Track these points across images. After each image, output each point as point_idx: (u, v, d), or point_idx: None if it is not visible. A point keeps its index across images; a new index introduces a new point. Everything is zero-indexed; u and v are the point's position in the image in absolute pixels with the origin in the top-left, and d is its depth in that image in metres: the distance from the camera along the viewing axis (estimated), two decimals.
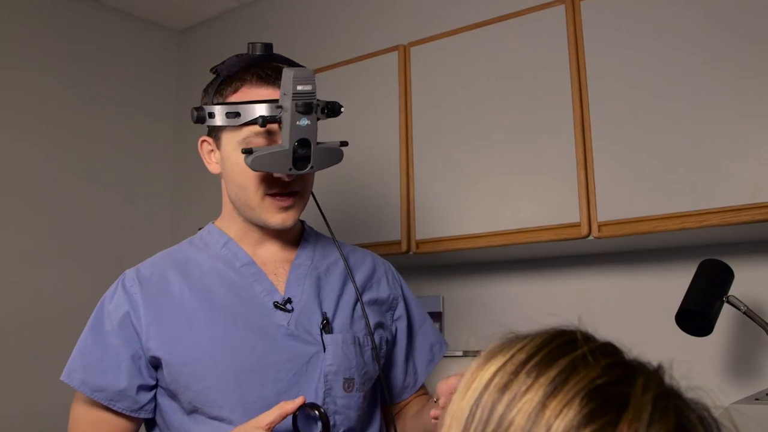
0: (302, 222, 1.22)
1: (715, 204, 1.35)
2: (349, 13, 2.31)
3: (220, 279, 1.10)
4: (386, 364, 1.21)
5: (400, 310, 1.23)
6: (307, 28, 2.40)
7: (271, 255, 1.14)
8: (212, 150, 1.13)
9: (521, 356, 0.47)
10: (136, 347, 1.05)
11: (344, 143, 1.10)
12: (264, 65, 1.08)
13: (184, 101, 2.76)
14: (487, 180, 1.65)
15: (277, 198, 1.07)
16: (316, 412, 1.00)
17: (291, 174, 1.02)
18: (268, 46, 1.11)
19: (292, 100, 0.98)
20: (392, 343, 1.22)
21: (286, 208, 1.08)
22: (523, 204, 1.60)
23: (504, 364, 0.47)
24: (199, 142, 1.15)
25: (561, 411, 0.42)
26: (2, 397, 2.11)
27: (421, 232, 1.75)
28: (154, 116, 2.69)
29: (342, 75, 1.96)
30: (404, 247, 1.76)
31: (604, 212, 1.48)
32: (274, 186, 1.06)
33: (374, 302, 1.19)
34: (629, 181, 1.46)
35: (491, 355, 0.49)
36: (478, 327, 1.94)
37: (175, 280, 1.09)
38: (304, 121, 0.99)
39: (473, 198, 1.67)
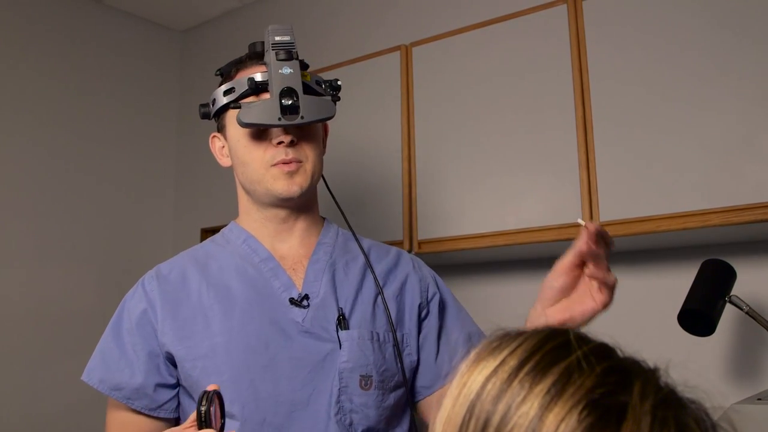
0: (323, 218, 1.21)
1: (718, 204, 1.35)
2: (351, 13, 2.31)
3: (239, 274, 1.10)
4: (421, 350, 1.16)
5: (432, 292, 1.19)
6: (310, 28, 2.41)
7: (289, 249, 1.13)
8: (223, 145, 1.15)
9: (513, 362, 0.45)
10: (153, 344, 1.06)
11: (336, 98, 1.11)
12: (260, 53, 1.11)
13: (187, 101, 2.76)
14: (490, 180, 1.65)
15: (281, 165, 1.08)
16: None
17: (282, 125, 1.03)
18: None
19: (272, 49, 1.03)
20: (427, 328, 1.17)
21: (290, 174, 1.07)
22: (525, 204, 1.60)
23: (496, 370, 0.45)
24: (210, 139, 1.17)
25: (558, 426, 0.41)
26: (6, 396, 2.12)
27: (424, 232, 1.75)
28: (157, 116, 2.70)
29: (344, 75, 1.95)
30: (406, 247, 1.76)
31: (607, 212, 1.47)
32: (276, 156, 1.07)
33: (399, 294, 1.15)
34: (631, 181, 1.46)
35: (481, 358, 0.47)
36: (481, 327, 1.93)
37: (194, 276, 1.10)
38: (287, 70, 1.03)
39: (475, 198, 1.67)
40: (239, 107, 1.04)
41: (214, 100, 1.10)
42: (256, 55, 1.12)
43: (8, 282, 2.18)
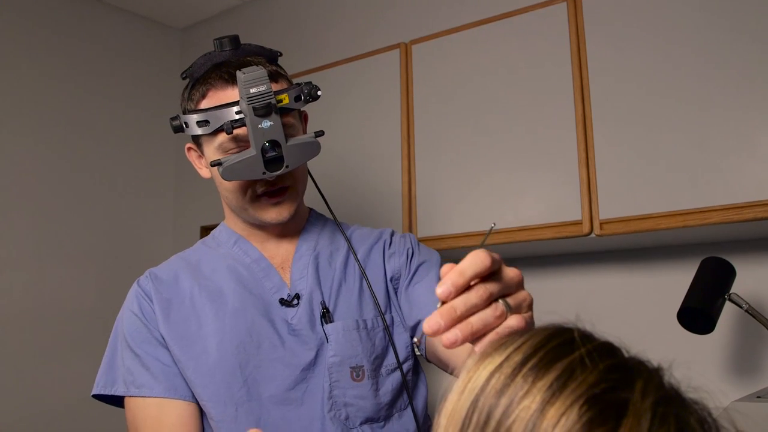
0: (310, 210, 1.20)
1: (718, 201, 1.35)
2: (350, 11, 2.31)
3: (230, 276, 1.09)
4: (405, 317, 1.11)
5: (403, 260, 1.14)
6: (309, 25, 2.40)
7: (277, 248, 1.13)
8: (200, 156, 1.10)
9: (518, 357, 0.46)
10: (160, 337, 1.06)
11: (320, 133, 1.05)
12: (229, 63, 1.04)
13: None
14: (489, 178, 1.65)
15: (267, 196, 1.06)
16: None
17: (266, 178, 1.00)
18: (234, 40, 1.06)
19: (248, 104, 0.95)
20: (410, 283, 1.12)
21: (278, 203, 1.06)
22: (524, 202, 1.60)
23: (500, 365, 0.46)
24: (186, 149, 1.13)
25: (559, 420, 0.41)
26: (6, 396, 2.12)
27: (424, 230, 1.75)
28: (157, 114, 2.70)
29: (344, 73, 1.96)
30: None
31: (606, 210, 1.48)
32: (261, 186, 1.05)
33: (385, 276, 1.12)
34: (631, 179, 1.46)
35: (487, 354, 0.48)
36: None
37: (186, 280, 1.09)
38: (266, 123, 0.97)
39: (475, 196, 1.67)
40: (219, 163, 0.99)
41: (186, 123, 1.03)
42: (228, 75, 1.03)
43: (8, 282, 2.18)
